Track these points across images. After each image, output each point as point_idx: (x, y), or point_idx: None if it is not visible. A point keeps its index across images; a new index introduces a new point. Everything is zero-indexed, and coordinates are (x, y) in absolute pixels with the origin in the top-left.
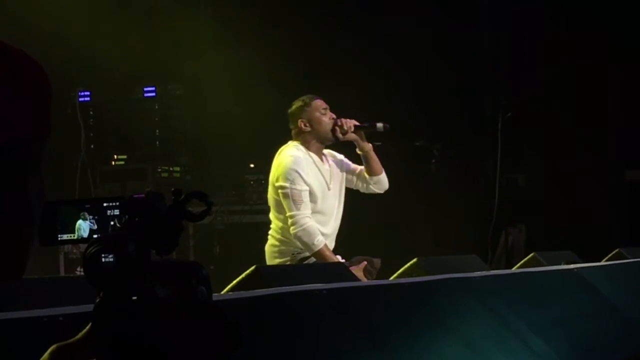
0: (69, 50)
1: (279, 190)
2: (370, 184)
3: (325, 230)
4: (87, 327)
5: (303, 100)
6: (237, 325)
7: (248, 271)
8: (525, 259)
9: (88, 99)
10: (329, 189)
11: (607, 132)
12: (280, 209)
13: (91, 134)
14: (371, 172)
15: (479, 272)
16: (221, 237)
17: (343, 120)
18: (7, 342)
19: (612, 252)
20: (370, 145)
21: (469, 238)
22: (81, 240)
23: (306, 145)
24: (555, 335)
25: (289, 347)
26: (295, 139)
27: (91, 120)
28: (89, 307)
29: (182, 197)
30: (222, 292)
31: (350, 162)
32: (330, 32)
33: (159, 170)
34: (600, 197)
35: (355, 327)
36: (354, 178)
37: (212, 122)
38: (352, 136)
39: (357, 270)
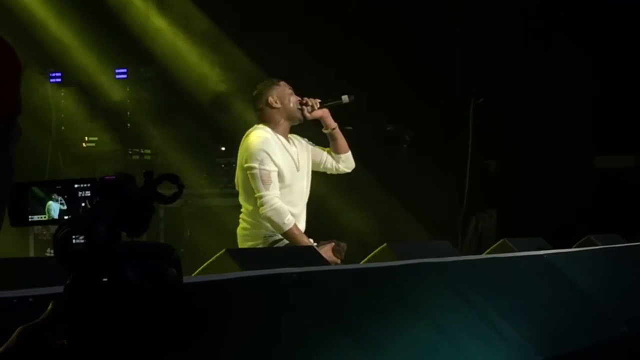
0: (41, 30)
1: (248, 172)
2: (339, 163)
3: (294, 210)
4: (51, 306)
5: (271, 80)
6: (207, 308)
7: (218, 254)
8: (495, 244)
9: (59, 80)
10: (297, 170)
11: (576, 119)
12: (249, 192)
13: (62, 115)
14: (338, 149)
15: (449, 257)
16: (192, 220)
17: (308, 99)
18: None
19: (581, 238)
20: (335, 123)
21: (440, 223)
22: (52, 221)
23: (273, 126)
24: (524, 320)
25: (259, 330)
26: (262, 122)
27: (62, 101)
28: (59, 289)
29: (154, 179)
30: (193, 275)
31: (314, 145)
32: (300, 16)
33: (130, 152)
34: (570, 184)
35: (325, 310)
36: (322, 158)
37: (183, 106)
38: (318, 113)
39: (326, 250)
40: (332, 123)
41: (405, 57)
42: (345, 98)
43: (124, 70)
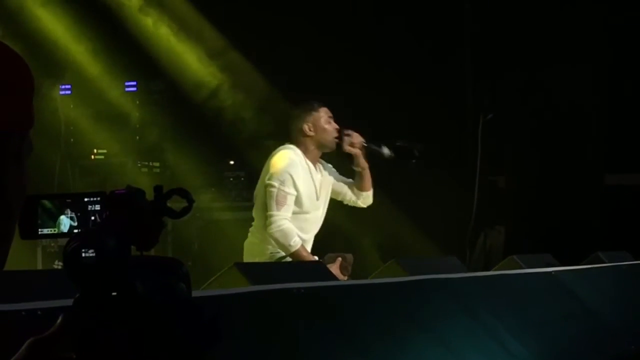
0: (51, 43)
1: (268, 188)
2: (358, 199)
3: (305, 236)
4: (60, 320)
5: (311, 105)
6: (217, 322)
7: (226, 268)
8: (504, 261)
9: (69, 92)
10: (317, 199)
11: (586, 136)
12: (264, 208)
13: (71, 128)
14: (363, 188)
15: (457, 274)
16: (200, 233)
17: (353, 133)
18: None
19: (590, 255)
20: (367, 164)
21: (448, 239)
22: (61, 234)
23: (304, 150)
24: (532, 337)
25: (266, 345)
26: (294, 143)
27: (72, 114)
28: (68, 302)
29: (164, 193)
30: (201, 289)
31: (338, 175)
32: (313, 31)
33: (139, 165)
34: (579, 201)
35: (332, 326)
36: (343, 190)
37: (193, 119)
38: (355, 151)
39: (334, 268)
40: (364, 164)
41: (415, 71)
42: (387, 153)
43: (134, 83)
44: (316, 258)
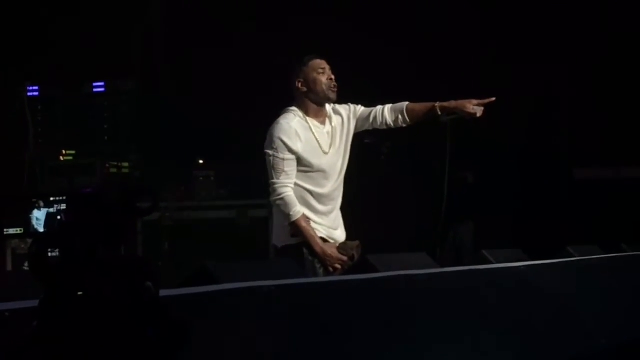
0: (18, 44)
1: (266, 157)
2: (395, 124)
3: (322, 190)
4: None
5: (301, 60)
6: (184, 322)
7: (195, 268)
8: (473, 256)
9: (37, 93)
10: (325, 153)
11: (555, 130)
12: None
13: (39, 129)
14: (413, 122)
15: (427, 270)
16: (170, 233)
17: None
18: None
19: (559, 250)
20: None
21: (418, 235)
22: (27, 234)
23: (305, 108)
24: (503, 333)
25: (234, 344)
26: (294, 102)
27: (39, 115)
28: (36, 303)
29: (130, 192)
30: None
31: (358, 107)
32: (301, 25)
33: (108, 166)
34: (548, 195)
35: (302, 324)
36: (371, 118)
37: (161, 119)
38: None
39: (331, 247)
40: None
41: (382, 68)
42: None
43: (102, 84)
44: (322, 231)
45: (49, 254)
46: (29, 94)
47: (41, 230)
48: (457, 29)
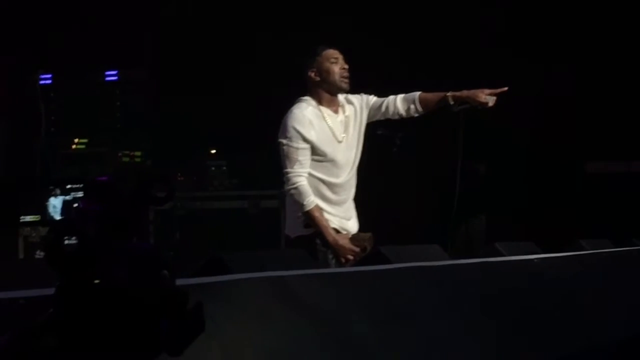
0: (32, 32)
1: (279, 147)
2: (407, 114)
3: (336, 180)
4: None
5: (314, 50)
6: (200, 310)
7: (208, 257)
8: (485, 249)
9: (49, 81)
10: (339, 142)
11: (567, 123)
12: None
13: (52, 118)
14: (426, 110)
15: (440, 262)
16: (182, 223)
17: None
18: None
19: (571, 243)
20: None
21: (430, 227)
22: (42, 222)
23: (318, 97)
24: (515, 325)
25: (247, 334)
26: (308, 92)
27: (52, 103)
28: (51, 291)
29: (145, 181)
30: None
31: (370, 97)
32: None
33: (120, 154)
34: (561, 188)
35: (313, 315)
36: (382, 109)
37: (174, 108)
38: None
39: (343, 237)
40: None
41: (395, 59)
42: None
43: (115, 72)
44: (335, 222)
45: (65, 242)
46: (41, 82)
47: (57, 217)
48: (471, 23)
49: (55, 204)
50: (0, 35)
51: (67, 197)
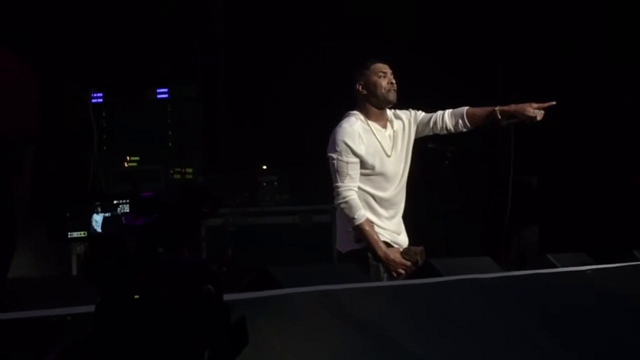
0: (83, 51)
1: (329, 161)
2: (455, 129)
3: (384, 194)
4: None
5: (363, 64)
6: (244, 324)
7: (256, 272)
8: (538, 260)
9: (101, 100)
10: (388, 156)
11: (619, 133)
12: None
13: (104, 136)
14: (473, 125)
15: (492, 274)
16: (234, 239)
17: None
18: (16, 341)
19: (625, 253)
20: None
21: (482, 240)
22: (89, 238)
23: (365, 111)
24: (567, 337)
25: (296, 348)
26: (357, 106)
27: (104, 121)
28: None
29: (190, 195)
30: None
31: (419, 113)
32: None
33: (172, 172)
34: (613, 199)
35: (364, 328)
36: (431, 123)
37: (224, 124)
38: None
39: (394, 251)
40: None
41: (446, 74)
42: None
43: (165, 90)
44: (385, 236)
45: (104, 258)
46: (93, 100)
47: (99, 232)
48: (521, 30)
49: (97, 219)
50: (52, 55)
51: (109, 213)
